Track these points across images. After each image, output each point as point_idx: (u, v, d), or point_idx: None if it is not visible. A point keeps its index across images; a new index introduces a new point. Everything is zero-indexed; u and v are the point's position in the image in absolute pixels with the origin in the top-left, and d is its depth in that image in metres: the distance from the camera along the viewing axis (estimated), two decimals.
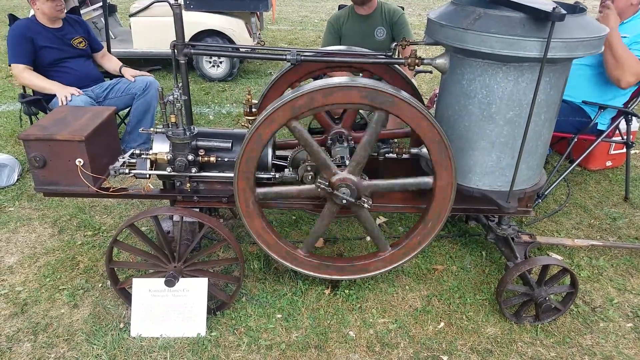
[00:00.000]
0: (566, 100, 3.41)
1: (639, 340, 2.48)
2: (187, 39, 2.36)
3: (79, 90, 3.69)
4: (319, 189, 2.35)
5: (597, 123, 3.43)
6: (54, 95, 3.70)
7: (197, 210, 2.56)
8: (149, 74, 4.16)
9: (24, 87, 4.09)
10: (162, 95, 2.32)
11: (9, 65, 3.78)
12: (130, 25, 6.23)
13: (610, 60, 3.19)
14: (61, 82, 3.75)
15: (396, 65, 2.92)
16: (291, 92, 2.19)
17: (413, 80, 3.08)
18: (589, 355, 2.38)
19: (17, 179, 3.75)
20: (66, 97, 3.60)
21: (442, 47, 2.35)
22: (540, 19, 1.95)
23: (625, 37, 3.24)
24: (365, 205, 2.34)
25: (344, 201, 2.33)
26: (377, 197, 2.54)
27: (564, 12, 1.88)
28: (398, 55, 2.56)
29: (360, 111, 3.96)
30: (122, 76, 4.11)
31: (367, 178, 2.38)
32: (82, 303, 2.60)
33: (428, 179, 2.34)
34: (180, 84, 2.38)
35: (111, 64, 4.24)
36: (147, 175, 2.48)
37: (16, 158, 3.88)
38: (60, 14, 3.81)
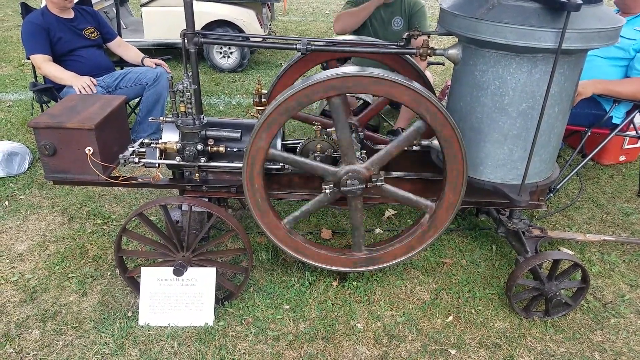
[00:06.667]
0: None
1: None
2: (197, 29, 2.35)
3: (92, 79, 3.69)
4: (329, 195, 2.34)
5: (611, 116, 3.38)
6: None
7: (206, 200, 2.56)
8: (164, 63, 4.16)
9: (35, 76, 4.10)
10: (172, 84, 2.31)
11: (28, 58, 3.78)
12: (141, 15, 6.25)
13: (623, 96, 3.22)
14: (73, 71, 3.75)
15: (408, 56, 2.89)
16: (271, 103, 2.19)
17: (427, 73, 3.03)
18: (599, 352, 2.36)
19: (28, 167, 3.77)
20: (84, 88, 3.60)
21: (454, 38, 2.32)
22: (556, 8, 1.91)
23: (638, 30, 3.20)
24: (379, 182, 2.31)
25: (358, 191, 2.32)
26: None
27: (580, 1, 1.84)
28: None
29: (366, 99, 3.93)
30: (138, 65, 4.13)
31: (365, 159, 2.36)
32: (91, 291, 2.61)
33: (420, 123, 2.24)
34: (190, 74, 2.37)
35: (130, 53, 4.24)
36: (157, 165, 2.49)
37: (27, 146, 3.91)
38: (68, 4, 3.80)
